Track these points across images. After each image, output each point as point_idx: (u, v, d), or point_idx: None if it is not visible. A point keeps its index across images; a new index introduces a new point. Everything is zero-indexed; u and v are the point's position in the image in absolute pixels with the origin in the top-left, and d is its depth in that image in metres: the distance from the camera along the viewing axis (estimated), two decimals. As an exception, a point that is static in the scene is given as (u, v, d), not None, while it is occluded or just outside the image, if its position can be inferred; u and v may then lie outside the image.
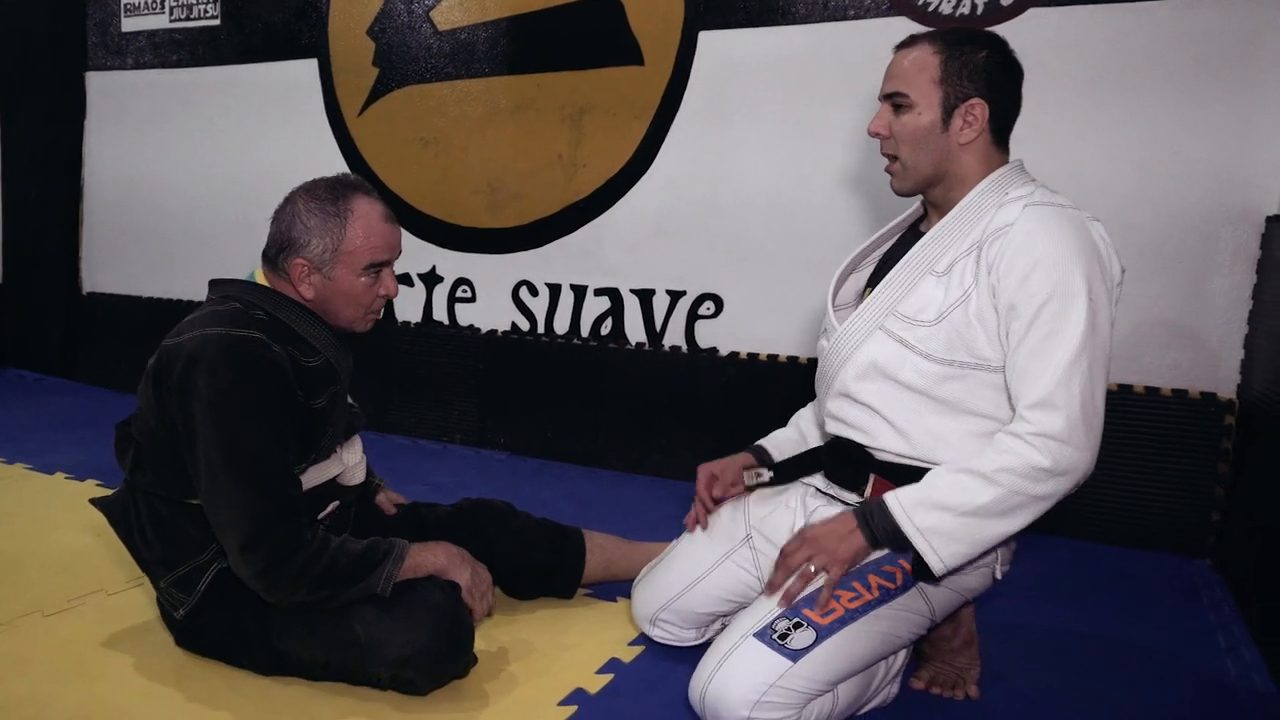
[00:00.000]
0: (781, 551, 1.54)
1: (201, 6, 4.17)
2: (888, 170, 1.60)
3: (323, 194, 1.62)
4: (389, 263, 1.66)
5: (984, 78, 1.50)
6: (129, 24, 4.41)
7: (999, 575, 1.59)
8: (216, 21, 4.14)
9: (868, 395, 1.56)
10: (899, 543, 1.46)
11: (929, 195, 1.59)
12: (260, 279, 1.67)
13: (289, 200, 1.65)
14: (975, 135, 1.51)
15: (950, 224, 1.52)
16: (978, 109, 1.50)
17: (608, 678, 1.69)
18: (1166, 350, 2.59)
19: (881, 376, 1.54)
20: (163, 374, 1.53)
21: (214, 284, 1.69)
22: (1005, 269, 1.42)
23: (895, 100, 1.54)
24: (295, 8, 3.91)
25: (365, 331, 1.71)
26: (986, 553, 1.50)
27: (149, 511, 1.64)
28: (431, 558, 1.63)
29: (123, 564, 2.13)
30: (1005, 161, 1.56)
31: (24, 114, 4.69)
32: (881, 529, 1.46)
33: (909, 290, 1.53)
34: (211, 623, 1.63)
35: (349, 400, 1.81)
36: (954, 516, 1.41)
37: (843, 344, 1.60)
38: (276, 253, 1.63)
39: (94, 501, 1.75)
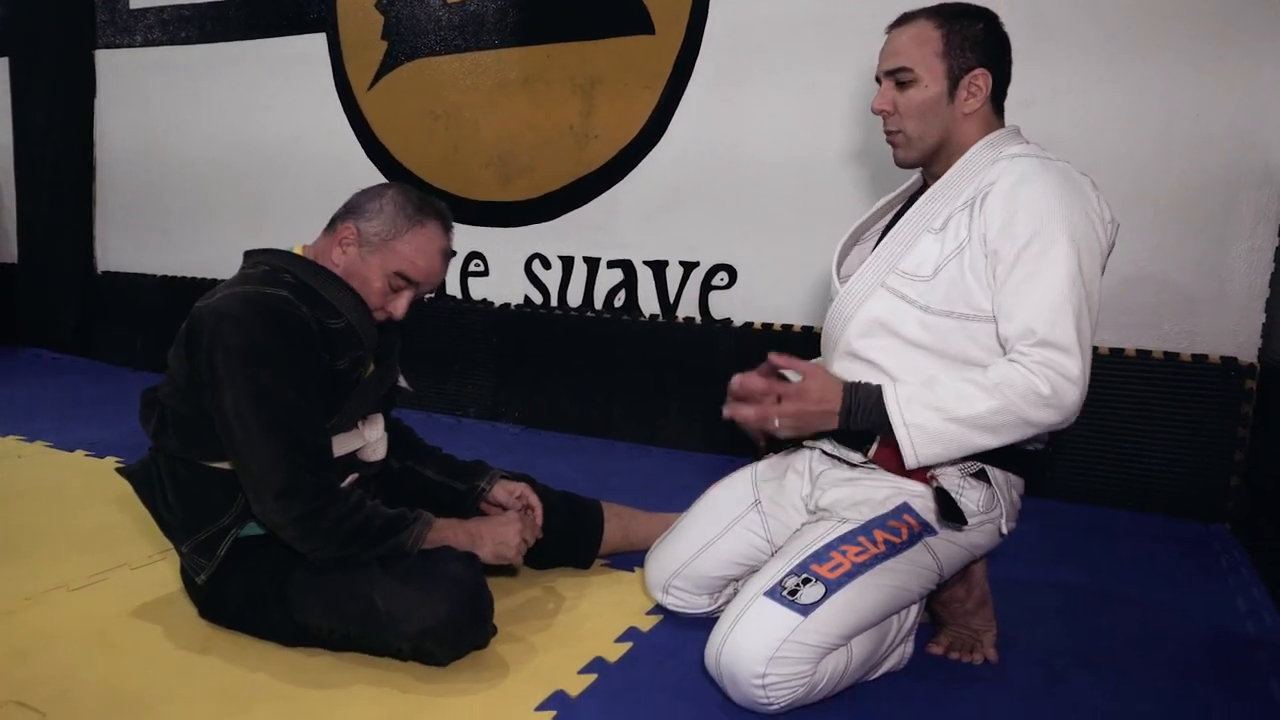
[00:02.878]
0: (744, 380, 1.60)
1: (209, -18, 4.15)
2: (891, 142, 1.64)
3: (414, 198, 1.68)
4: (415, 286, 1.69)
5: (984, 48, 1.55)
6: (137, 1, 4.40)
7: (1005, 531, 1.60)
8: (224, -3, 4.12)
9: (872, 352, 1.60)
10: (876, 427, 1.50)
11: (931, 167, 1.63)
12: (297, 251, 1.71)
13: (385, 185, 1.71)
14: (979, 105, 1.56)
15: (947, 182, 1.58)
16: (981, 79, 1.55)
17: (626, 646, 1.70)
18: (1186, 315, 2.57)
19: (885, 332, 1.58)
20: (193, 333, 1.56)
21: (248, 254, 1.72)
22: (991, 218, 1.48)
23: (899, 76, 1.57)
24: (303, -19, 3.89)
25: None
26: (992, 507, 1.54)
27: (170, 476, 1.66)
28: (452, 535, 1.66)
29: (145, 537, 2.15)
30: (1001, 126, 1.61)
31: (34, 94, 4.70)
32: (863, 413, 1.50)
33: (908, 248, 1.58)
34: (233, 593, 1.65)
35: (400, 379, 1.85)
36: (943, 419, 1.45)
37: (845, 303, 1.64)
38: (342, 213, 1.69)
39: (119, 469, 1.77)
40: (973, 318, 1.51)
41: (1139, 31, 2.53)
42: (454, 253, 1.73)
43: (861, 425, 1.51)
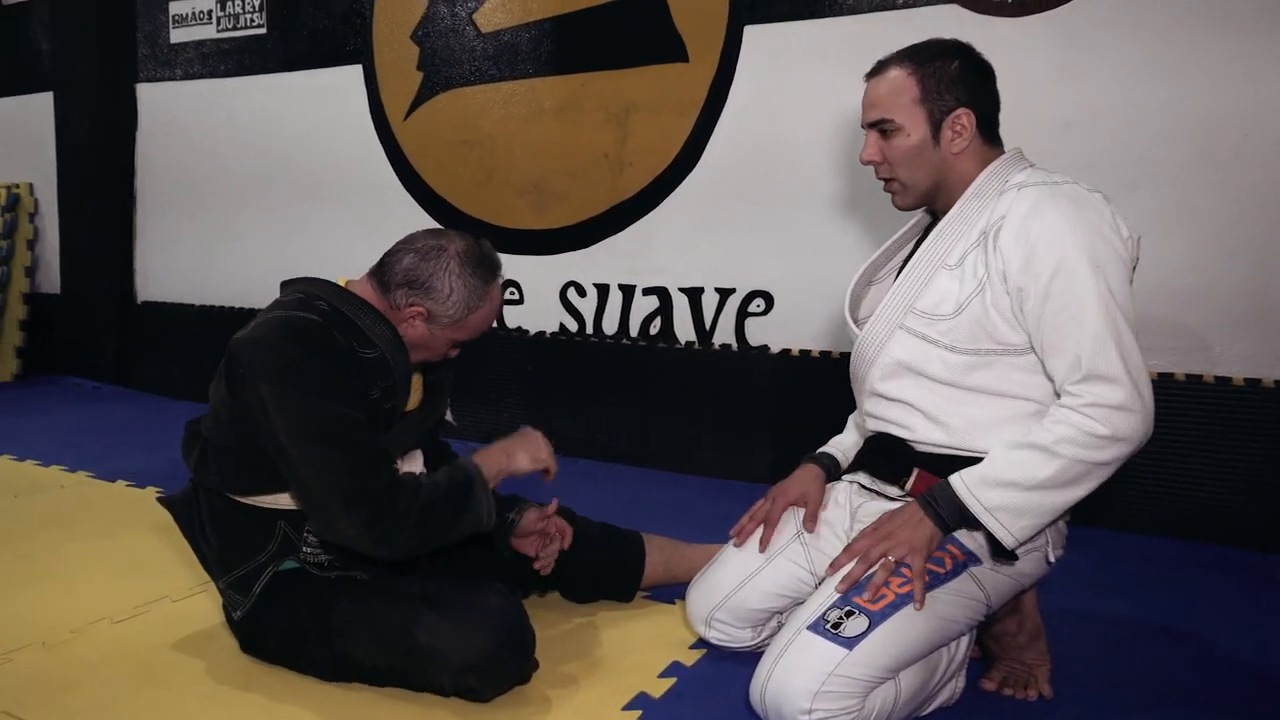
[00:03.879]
0: (850, 548, 1.53)
1: (248, 16, 4.23)
2: (888, 190, 1.64)
3: (477, 266, 1.65)
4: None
5: (962, 86, 1.54)
6: (177, 35, 4.49)
7: (1052, 559, 1.58)
8: (263, 30, 4.19)
9: (899, 392, 1.60)
10: (968, 523, 1.48)
11: (933, 206, 1.64)
12: (341, 282, 1.70)
13: (442, 249, 1.64)
14: (967, 143, 1.55)
15: (955, 218, 1.57)
16: (964, 118, 1.55)
17: (670, 681, 1.68)
18: (1236, 337, 2.51)
19: (909, 373, 1.58)
20: (232, 365, 1.56)
21: (284, 284, 1.72)
22: (1009, 255, 1.46)
23: (881, 127, 1.58)
24: (340, 14, 3.95)
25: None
26: (1037, 536, 1.50)
27: (210, 510, 1.66)
28: (497, 460, 1.69)
29: (186, 568, 2.15)
30: (1000, 154, 1.59)
31: (77, 127, 4.79)
32: (948, 511, 1.48)
33: (924, 286, 1.57)
34: (273, 626, 1.64)
35: (448, 413, 1.87)
36: (1019, 491, 1.43)
37: (866, 347, 1.63)
38: (401, 282, 1.63)
39: (160, 499, 1.78)
40: (1001, 353, 1.50)
41: (1178, 50, 2.49)
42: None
43: (955, 522, 1.49)
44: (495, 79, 3.58)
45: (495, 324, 3.65)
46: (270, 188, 4.27)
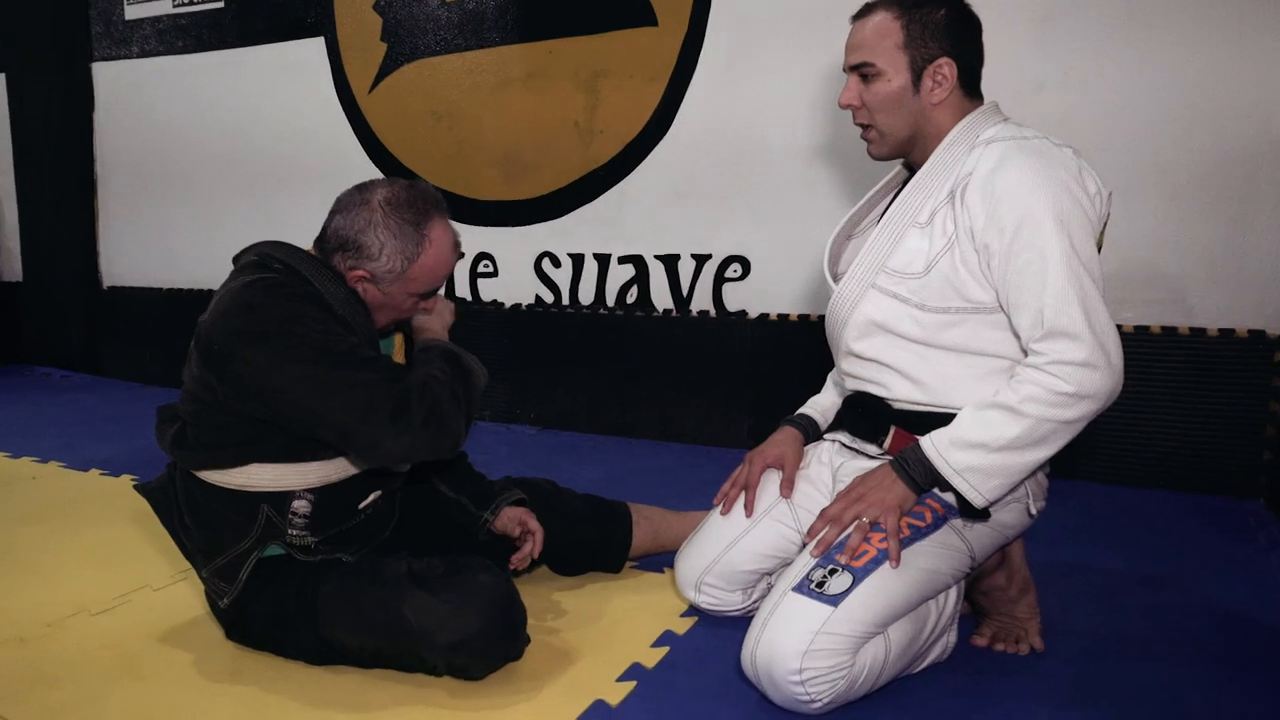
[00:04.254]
0: (823, 514, 1.54)
1: (204, -10, 4.11)
2: (864, 138, 1.62)
3: (405, 210, 1.54)
4: (439, 289, 1.67)
5: (947, 35, 1.52)
6: (132, 11, 4.37)
7: (1034, 511, 1.59)
8: (220, 4, 4.08)
9: (873, 350, 1.60)
10: (939, 484, 1.49)
11: (910, 157, 1.62)
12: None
13: (365, 201, 1.55)
14: (946, 93, 1.53)
15: (926, 174, 1.56)
16: (945, 68, 1.53)
17: (663, 650, 1.67)
18: (1211, 289, 2.52)
19: (882, 332, 1.58)
20: (202, 348, 1.50)
21: (237, 256, 1.65)
22: (975, 211, 1.46)
23: (862, 70, 1.56)
24: (299, -14, 3.85)
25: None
26: (1017, 488, 1.51)
27: (188, 498, 1.62)
28: (432, 323, 1.72)
29: (165, 556, 2.12)
30: (977, 107, 1.57)
31: (32, 110, 4.67)
32: (920, 473, 1.49)
33: (895, 245, 1.56)
34: (258, 613, 1.61)
35: None
36: (988, 452, 1.43)
37: (839, 306, 1.63)
38: (335, 247, 1.57)
39: (137, 486, 1.73)
40: (972, 310, 1.50)
41: (1151, 6, 2.47)
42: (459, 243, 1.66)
43: (927, 482, 1.49)
44: (461, 48, 3.51)
45: (456, 287, 3.61)
46: (235, 166, 4.19)
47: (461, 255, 1.67)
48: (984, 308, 1.49)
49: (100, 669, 1.62)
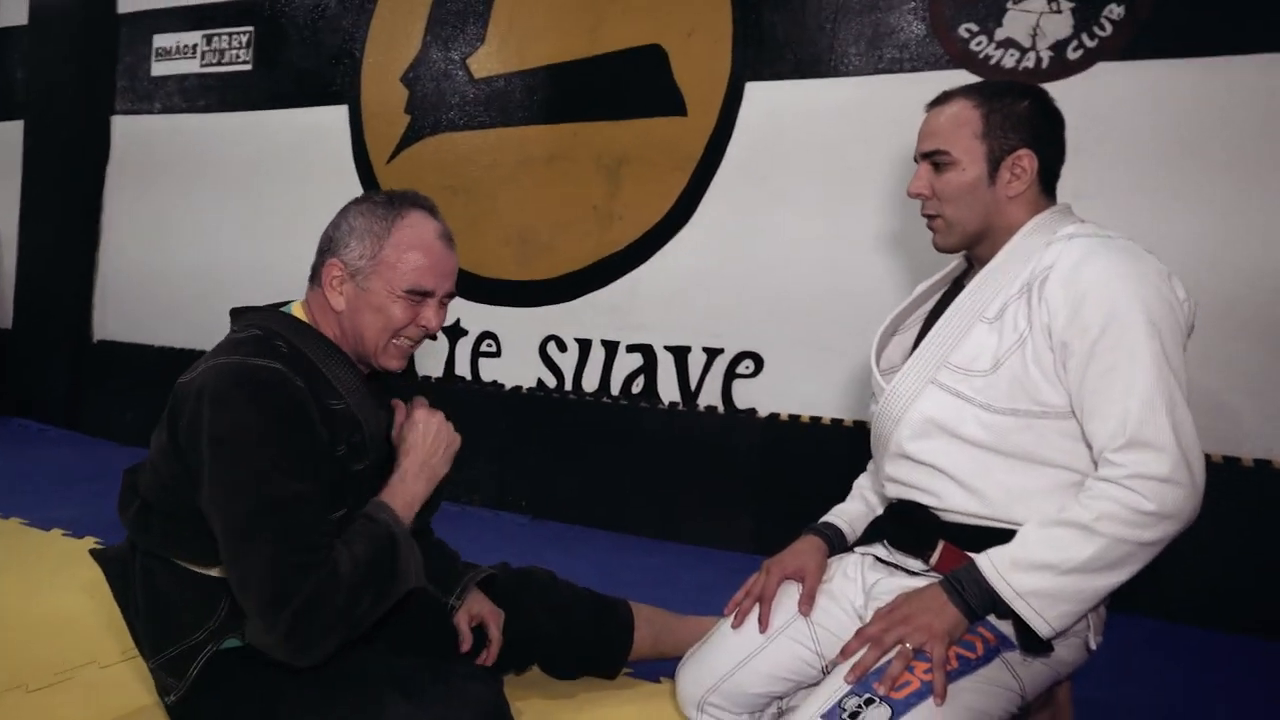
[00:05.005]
0: (861, 633, 1.38)
1: (234, 52, 4.12)
2: (930, 227, 1.53)
3: (379, 198, 1.47)
4: (433, 294, 1.47)
5: (1028, 127, 1.45)
6: (159, 68, 4.37)
7: (1093, 646, 1.43)
8: (249, 67, 4.08)
9: (928, 454, 1.45)
10: (998, 610, 1.33)
11: (975, 251, 1.52)
12: (296, 311, 1.51)
13: (345, 207, 1.49)
14: (1024, 187, 1.46)
15: (998, 267, 1.45)
16: (1025, 160, 1.45)
17: (659, 775, 1.50)
18: (1247, 417, 2.42)
19: (941, 433, 1.44)
20: (173, 415, 1.36)
21: (235, 313, 1.52)
22: (1055, 306, 1.35)
23: (936, 159, 1.48)
24: (329, 53, 3.85)
25: (394, 370, 1.51)
26: (1076, 621, 1.35)
27: (145, 576, 1.44)
28: (408, 499, 1.43)
29: (118, 632, 1.93)
30: (1052, 205, 1.49)
31: (46, 158, 4.64)
32: (975, 596, 1.34)
33: (960, 339, 1.44)
34: (210, 713, 1.42)
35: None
36: (1055, 575, 1.29)
37: (893, 403, 1.50)
38: (317, 257, 1.48)
39: (93, 551, 1.56)
40: (1041, 414, 1.37)
41: (1197, 127, 2.44)
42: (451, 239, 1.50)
43: (983, 608, 1.34)
44: (485, 125, 3.48)
45: (456, 364, 3.50)
46: (245, 227, 4.13)
47: (451, 246, 1.49)
48: (1055, 412, 1.36)
49: (28, 754, 1.44)
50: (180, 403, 1.35)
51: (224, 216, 4.18)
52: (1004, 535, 1.37)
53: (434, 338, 1.55)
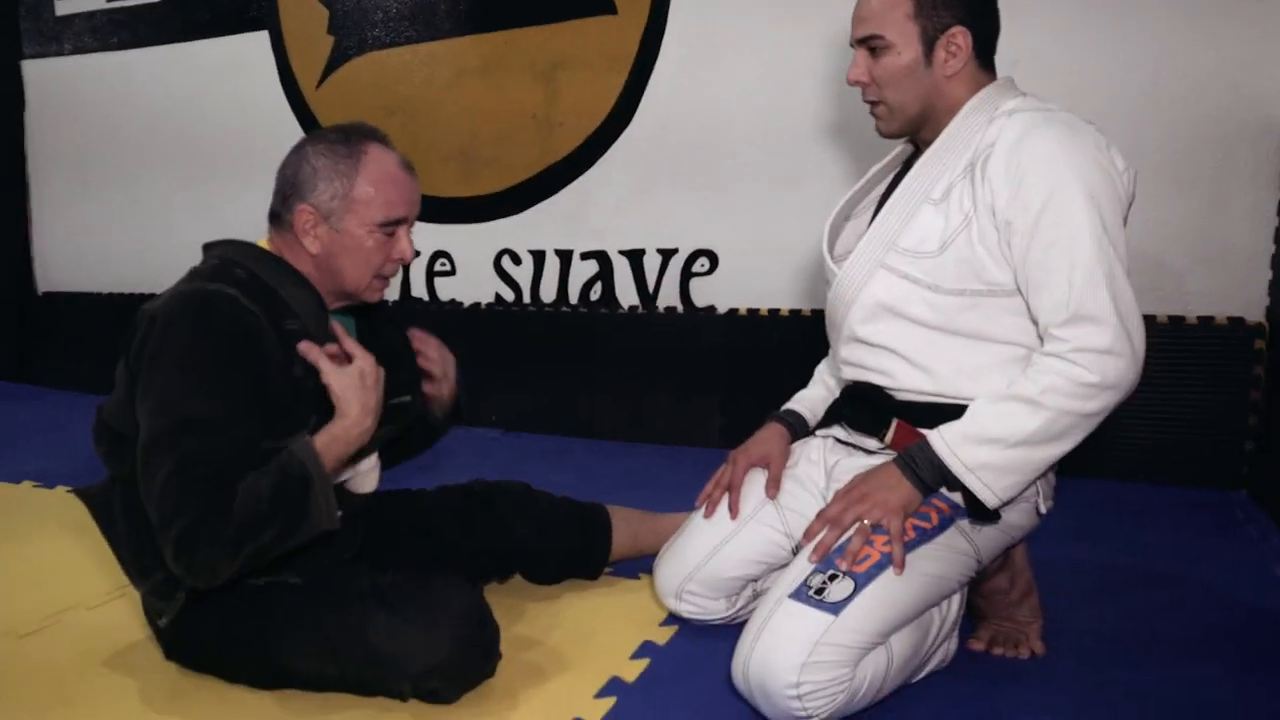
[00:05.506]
0: (821, 515, 1.43)
1: (140, -17, 3.93)
2: (873, 114, 1.52)
3: (334, 137, 1.46)
4: (405, 220, 1.49)
5: (959, 2, 1.43)
6: (63, 7, 4.17)
7: (1044, 510, 1.50)
8: (157, -2, 3.90)
9: (881, 336, 1.49)
10: (949, 483, 1.39)
11: (920, 133, 1.51)
12: (263, 244, 1.52)
13: (296, 147, 1.48)
14: (961, 65, 1.44)
15: (941, 148, 1.45)
16: (960, 37, 1.43)
17: (644, 663, 1.56)
18: (1189, 276, 2.47)
19: (891, 315, 1.47)
20: (132, 340, 1.38)
21: (206, 246, 1.53)
22: (997, 185, 1.36)
23: (871, 43, 1.46)
24: (241, -23, 3.69)
25: (374, 301, 1.55)
26: (1027, 487, 1.42)
27: (124, 506, 1.47)
28: (336, 445, 1.39)
29: (102, 571, 1.96)
30: (991, 81, 1.48)
31: (-42, 109, 4.44)
32: (928, 471, 1.39)
33: (906, 222, 1.45)
34: (202, 634, 1.47)
35: (405, 395, 1.62)
36: (1003, 448, 1.34)
37: (845, 288, 1.52)
38: (281, 203, 1.47)
39: (75, 490, 1.57)
40: (987, 293, 1.40)
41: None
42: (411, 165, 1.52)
43: (935, 482, 1.39)
44: (413, 40, 3.38)
45: (413, 286, 3.48)
46: (177, 166, 4.00)
47: (413, 173, 1.50)
48: (1001, 290, 1.39)
49: (25, 697, 1.47)
50: (137, 328, 1.38)
51: (155, 156, 4.05)
52: (955, 411, 1.41)
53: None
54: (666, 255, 3.09)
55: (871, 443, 1.55)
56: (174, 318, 1.34)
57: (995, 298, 1.40)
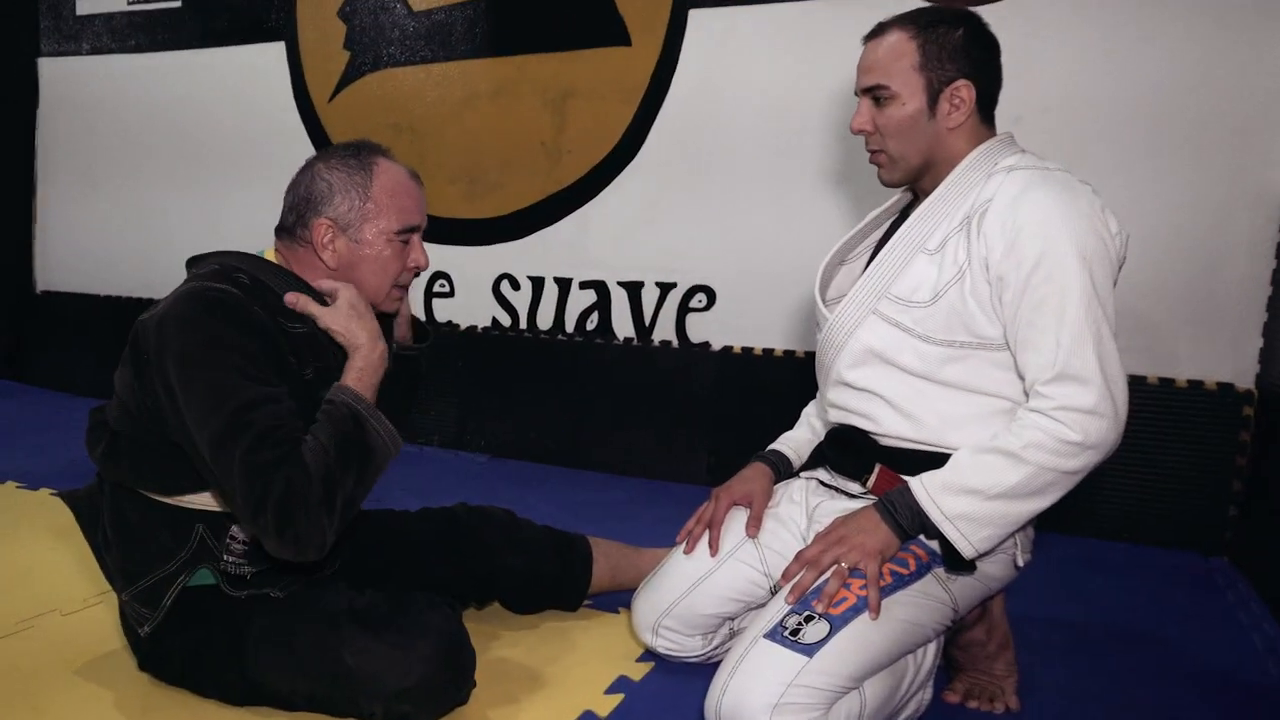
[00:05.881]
0: (800, 556, 1.43)
1: (161, -13, 3.97)
2: (874, 162, 1.54)
3: (344, 153, 1.51)
4: (419, 228, 1.54)
5: (964, 57, 1.45)
6: (84, 6, 4.20)
7: (1021, 563, 1.51)
8: (178, 4, 3.94)
9: (868, 381, 1.50)
10: (928, 531, 1.39)
11: (919, 184, 1.54)
12: (270, 257, 1.54)
13: (306, 166, 1.53)
14: (964, 118, 1.46)
15: (939, 199, 1.47)
16: (964, 90, 1.45)
17: (617, 698, 1.56)
18: (1181, 339, 2.49)
19: (880, 361, 1.48)
20: (136, 349, 1.39)
21: (193, 260, 1.55)
22: (992, 240, 1.38)
23: (876, 93, 1.48)
24: (261, -11, 3.73)
25: (391, 311, 1.59)
26: (1006, 539, 1.42)
27: (115, 510, 1.47)
28: (363, 369, 1.43)
29: (82, 576, 1.95)
30: (992, 136, 1.50)
31: (-29, 103, 4.46)
32: (907, 518, 1.39)
33: (900, 270, 1.47)
34: (178, 646, 1.46)
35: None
36: (983, 500, 1.35)
37: (835, 332, 1.54)
38: (295, 219, 1.50)
39: (61, 493, 1.58)
40: (976, 345, 1.42)
41: (1127, 43, 2.46)
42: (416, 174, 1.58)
43: (914, 529, 1.40)
44: (427, 60, 3.41)
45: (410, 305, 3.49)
46: (184, 171, 4.02)
47: (421, 183, 1.56)
48: (990, 344, 1.41)
49: (-6, 703, 1.46)
50: (143, 336, 1.38)
51: (164, 160, 4.07)
52: (938, 459, 1.42)
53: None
54: (665, 289, 3.11)
55: (854, 486, 1.56)
56: (186, 316, 1.35)
57: (983, 351, 1.42)
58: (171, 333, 1.34)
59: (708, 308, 3.06)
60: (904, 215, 1.59)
